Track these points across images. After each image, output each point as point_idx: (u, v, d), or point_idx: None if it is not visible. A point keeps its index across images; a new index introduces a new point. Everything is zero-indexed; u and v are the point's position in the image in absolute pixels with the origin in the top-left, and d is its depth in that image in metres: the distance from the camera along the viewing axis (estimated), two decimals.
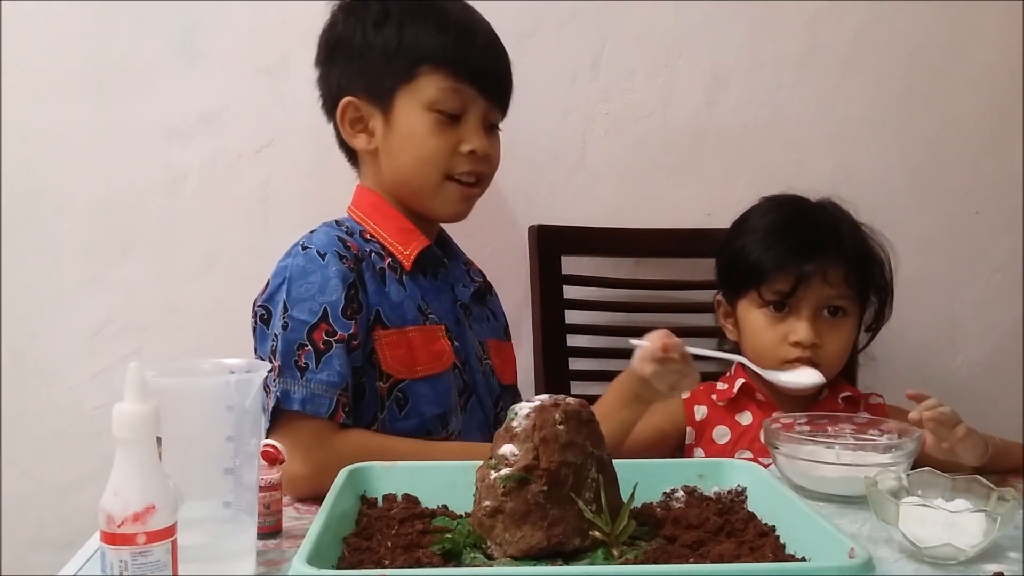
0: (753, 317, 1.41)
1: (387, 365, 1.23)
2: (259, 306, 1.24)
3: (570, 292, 1.72)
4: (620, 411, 1.27)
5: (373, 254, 1.29)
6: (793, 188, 1.47)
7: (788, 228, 1.41)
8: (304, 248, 1.24)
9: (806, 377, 1.32)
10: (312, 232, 1.29)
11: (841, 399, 1.44)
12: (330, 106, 1.35)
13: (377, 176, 1.34)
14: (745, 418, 1.44)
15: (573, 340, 1.71)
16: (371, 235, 1.31)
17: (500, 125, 1.37)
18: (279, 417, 1.15)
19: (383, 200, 1.33)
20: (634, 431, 1.29)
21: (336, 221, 1.33)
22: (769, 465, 1.32)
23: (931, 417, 1.16)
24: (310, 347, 1.17)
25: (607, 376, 1.70)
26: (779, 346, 1.38)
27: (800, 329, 1.37)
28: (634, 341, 1.22)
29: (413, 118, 1.29)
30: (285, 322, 1.18)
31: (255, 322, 1.24)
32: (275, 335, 1.19)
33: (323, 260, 1.22)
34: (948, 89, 1.80)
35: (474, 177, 1.32)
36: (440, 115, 1.28)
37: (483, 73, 1.31)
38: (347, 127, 1.32)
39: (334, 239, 1.25)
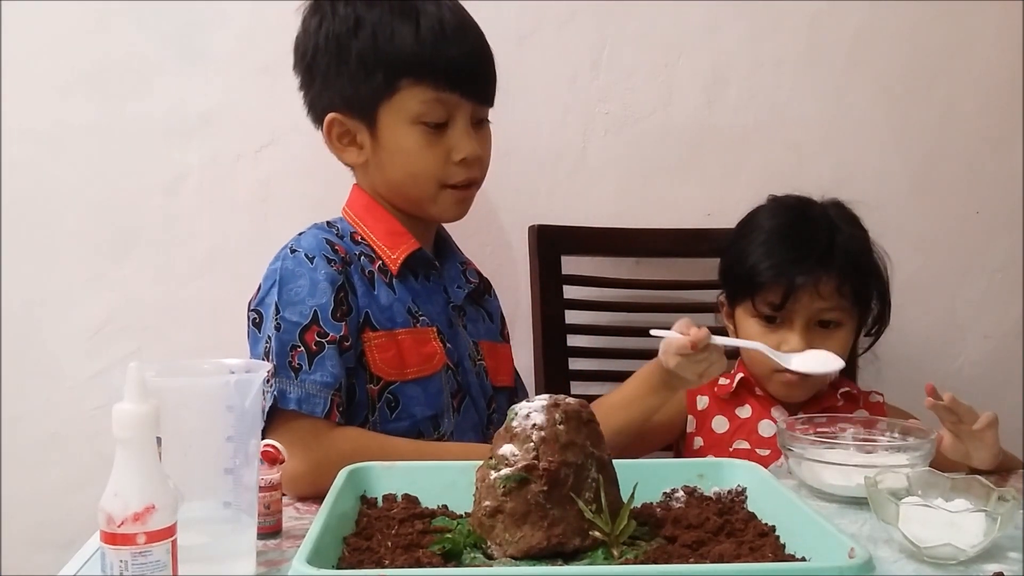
0: (748, 324, 1.42)
1: (376, 367, 1.23)
2: (252, 310, 1.25)
3: (570, 292, 1.71)
4: (646, 398, 1.29)
5: (362, 256, 1.28)
6: (793, 188, 1.47)
7: (783, 238, 1.41)
8: (293, 251, 1.24)
9: (820, 364, 1.29)
10: (300, 234, 1.29)
11: (840, 394, 1.46)
12: (315, 117, 1.33)
13: (371, 182, 1.33)
14: (744, 411, 1.45)
15: (573, 340, 1.71)
16: (362, 237, 1.31)
17: (491, 117, 1.33)
18: (275, 417, 1.15)
19: (374, 202, 1.33)
20: None
21: (328, 222, 1.32)
22: (773, 463, 1.33)
23: (947, 404, 1.17)
24: (303, 348, 1.17)
25: (607, 376, 1.71)
26: None
27: (791, 340, 1.37)
28: (656, 332, 1.23)
29: (399, 133, 1.26)
30: (278, 323, 1.18)
31: (248, 325, 1.25)
32: (268, 337, 1.19)
33: (311, 263, 1.22)
34: (948, 89, 1.80)
35: (469, 181, 1.30)
36: (426, 126, 1.26)
37: (465, 76, 1.26)
38: (335, 142, 1.31)
39: (322, 242, 1.26)
